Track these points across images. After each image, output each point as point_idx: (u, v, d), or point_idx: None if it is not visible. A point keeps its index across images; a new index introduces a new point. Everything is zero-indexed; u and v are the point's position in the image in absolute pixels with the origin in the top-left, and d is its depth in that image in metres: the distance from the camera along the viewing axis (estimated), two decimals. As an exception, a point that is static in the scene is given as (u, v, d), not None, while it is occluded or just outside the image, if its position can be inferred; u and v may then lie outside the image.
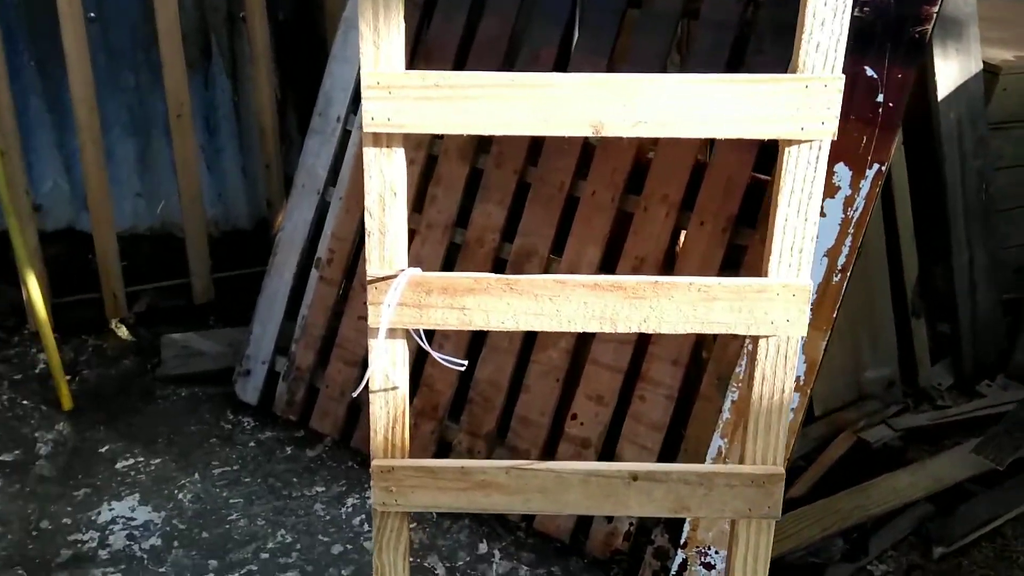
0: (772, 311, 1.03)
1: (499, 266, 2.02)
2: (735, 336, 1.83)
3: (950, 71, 2.29)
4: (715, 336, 1.83)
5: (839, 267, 1.68)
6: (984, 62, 2.36)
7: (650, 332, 1.01)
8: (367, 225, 1.02)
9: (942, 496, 2.08)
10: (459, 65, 2.07)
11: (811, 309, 1.69)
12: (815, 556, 1.95)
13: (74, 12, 2.36)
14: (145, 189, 2.76)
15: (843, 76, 0.98)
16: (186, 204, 2.67)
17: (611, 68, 1.93)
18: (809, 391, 1.66)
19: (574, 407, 1.92)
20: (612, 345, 1.88)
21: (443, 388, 2.05)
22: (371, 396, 1.06)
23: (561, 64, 2.00)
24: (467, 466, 1.12)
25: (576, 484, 1.09)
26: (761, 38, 1.78)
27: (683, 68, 2.06)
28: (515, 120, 0.97)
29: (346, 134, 2.23)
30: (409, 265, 1.05)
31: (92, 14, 2.49)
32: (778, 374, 1.03)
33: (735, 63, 1.81)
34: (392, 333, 1.04)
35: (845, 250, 1.67)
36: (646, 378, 1.85)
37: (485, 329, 1.04)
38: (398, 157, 1.02)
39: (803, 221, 1.01)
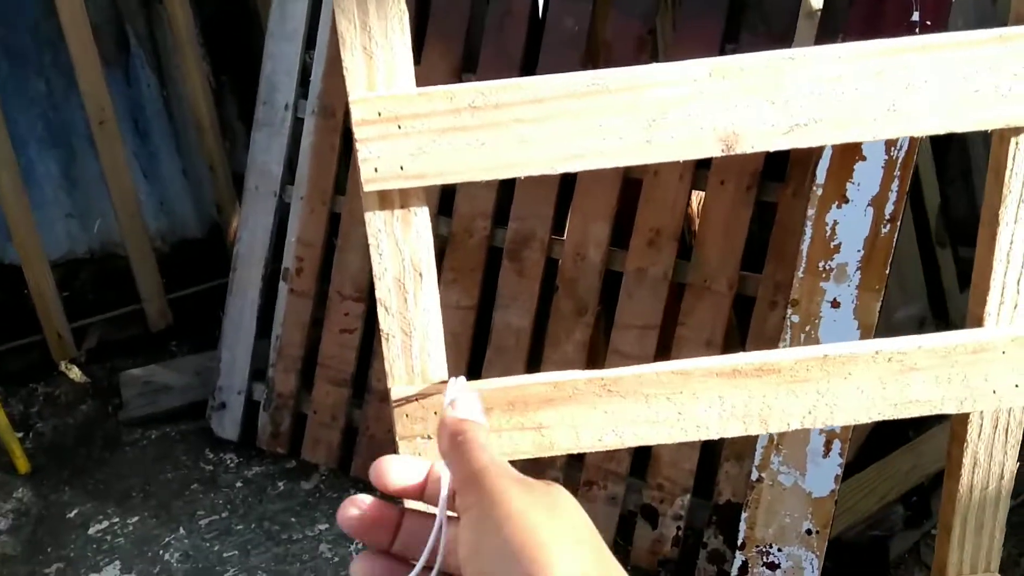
0: (995, 376, 0.72)
1: (494, 256, 1.77)
2: (773, 306, 1.63)
3: (957, -26, 2.06)
4: (753, 304, 1.62)
5: (887, 216, 1.46)
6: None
7: (817, 427, 0.73)
8: (382, 324, 0.68)
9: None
10: (417, 37, 1.79)
11: (860, 267, 1.49)
12: (875, 528, 1.77)
13: (-41, 16, 2.04)
14: (76, 208, 2.45)
15: None
16: (124, 219, 2.37)
17: (595, 11, 1.67)
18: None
19: (599, 405, 1.70)
20: (634, 332, 1.66)
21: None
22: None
23: (535, 15, 1.74)
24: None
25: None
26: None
27: (674, 14, 1.80)
28: (600, 147, 0.63)
29: (298, 123, 1.95)
30: None
31: (-19, 17, 2.17)
32: (995, 456, 0.75)
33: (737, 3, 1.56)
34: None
35: (892, 196, 1.45)
36: (678, 364, 1.63)
37: (576, 452, 0.74)
38: (420, 221, 0.66)
39: None
